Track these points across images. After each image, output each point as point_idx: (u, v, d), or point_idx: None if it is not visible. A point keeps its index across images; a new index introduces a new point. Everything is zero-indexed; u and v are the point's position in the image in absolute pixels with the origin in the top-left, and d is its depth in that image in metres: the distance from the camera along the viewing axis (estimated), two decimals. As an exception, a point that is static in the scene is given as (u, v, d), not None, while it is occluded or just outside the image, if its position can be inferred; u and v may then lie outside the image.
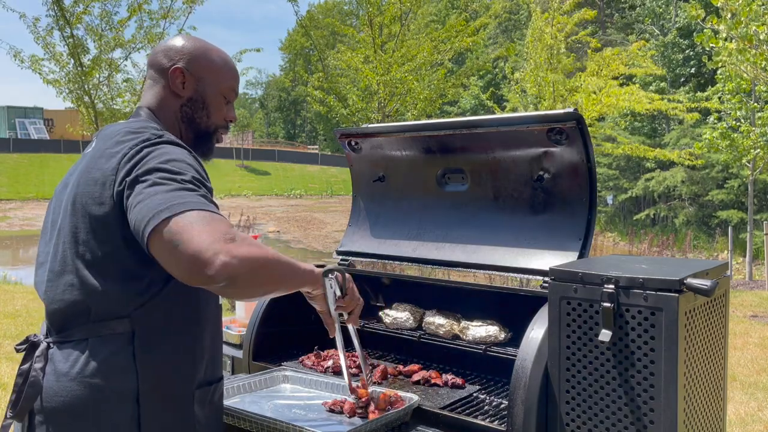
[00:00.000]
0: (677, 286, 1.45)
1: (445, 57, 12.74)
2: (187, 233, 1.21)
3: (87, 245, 1.40)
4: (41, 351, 1.42)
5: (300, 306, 2.46)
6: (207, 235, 1.21)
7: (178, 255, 1.21)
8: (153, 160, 1.34)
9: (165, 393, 1.42)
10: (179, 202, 1.25)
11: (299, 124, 71.12)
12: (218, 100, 1.65)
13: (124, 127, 1.49)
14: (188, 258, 1.20)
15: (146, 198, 1.28)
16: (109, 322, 1.39)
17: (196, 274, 1.20)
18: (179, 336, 1.45)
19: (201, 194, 1.30)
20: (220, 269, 1.19)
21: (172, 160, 1.35)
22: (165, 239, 1.22)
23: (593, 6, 30.40)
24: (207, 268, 1.19)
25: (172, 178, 1.30)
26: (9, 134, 47.45)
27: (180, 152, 1.40)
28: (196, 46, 1.63)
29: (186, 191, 1.28)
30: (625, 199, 28.78)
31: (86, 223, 1.40)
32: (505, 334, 2.10)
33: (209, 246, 1.19)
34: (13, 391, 1.43)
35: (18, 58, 10.61)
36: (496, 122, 2.14)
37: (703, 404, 1.64)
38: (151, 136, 1.41)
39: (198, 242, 1.20)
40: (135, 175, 1.33)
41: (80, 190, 1.42)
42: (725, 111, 14.42)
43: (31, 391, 1.39)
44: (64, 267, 1.43)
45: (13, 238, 23.67)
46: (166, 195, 1.26)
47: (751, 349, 6.82)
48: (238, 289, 1.25)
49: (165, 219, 1.23)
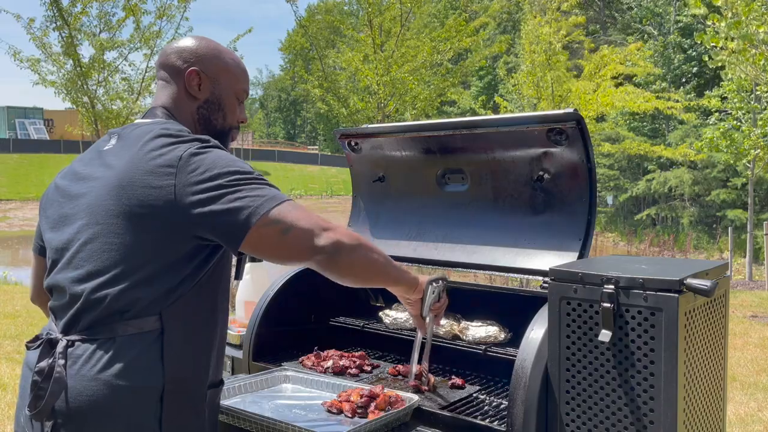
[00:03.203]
0: (677, 287, 1.45)
1: (444, 57, 12.76)
2: (293, 219, 1.38)
3: (132, 248, 1.39)
4: (62, 348, 1.39)
5: (300, 306, 2.47)
6: (311, 218, 1.40)
7: (289, 237, 1.37)
8: (218, 165, 1.40)
9: (185, 392, 1.43)
10: (270, 196, 1.39)
11: (299, 124, 71.14)
12: (232, 102, 1.67)
13: (159, 129, 1.49)
14: (302, 235, 1.38)
15: (236, 199, 1.36)
16: (139, 320, 1.38)
17: (309, 246, 1.38)
18: (198, 335, 1.46)
19: (275, 187, 1.43)
20: (330, 240, 1.39)
21: (234, 161, 1.43)
22: (271, 229, 1.36)
23: (593, 6, 30.41)
24: (318, 239, 1.38)
25: (247, 179, 1.40)
26: (9, 134, 47.46)
27: (228, 155, 1.46)
28: (209, 47, 1.64)
29: (267, 186, 1.41)
30: (626, 200, 28.79)
31: (134, 225, 1.39)
32: (505, 334, 2.10)
33: (316, 224, 1.40)
34: (31, 390, 1.39)
35: (17, 58, 10.62)
36: (496, 122, 2.14)
37: (703, 404, 1.64)
38: (196, 141, 1.45)
39: (306, 223, 1.39)
40: (206, 180, 1.37)
41: (126, 192, 1.40)
42: (726, 110, 14.42)
43: (56, 387, 1.35)
44: (101, 266, 1.40)
45: (13, 238, 23.68)
46: (253, 192, 1.38)
47: (751, 349, 6.82)
48: (341, 261, 1.42)
49: (266, 212, 1.36)
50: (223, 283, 1.54)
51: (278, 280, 2.39)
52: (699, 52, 26.88)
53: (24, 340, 2.10)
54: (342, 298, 2.41)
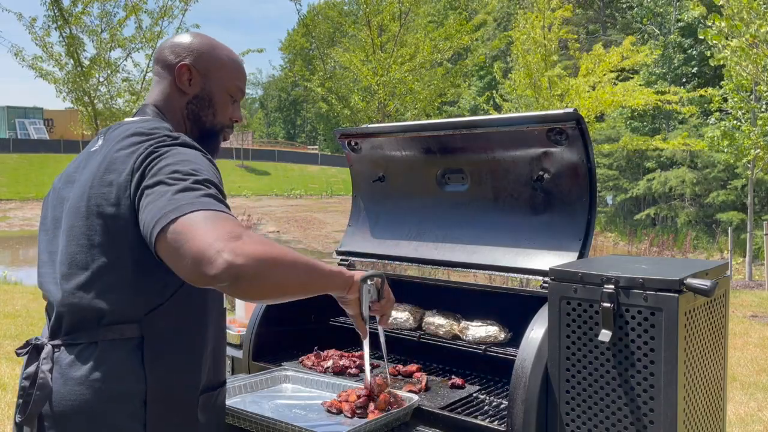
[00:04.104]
0: (677, 287, 1.45)
1: (444, 56, 12.76)
2: (191, 233, 1.17)
3: (102, 248, 1.37)
4: (47, 353, 1.38)
5: (300, 306, 2.46)
6: (211, 234, 1.16)
7: (181, 255, 1.18)
8: (165, 161, 1.31)
9: (172, 398, 1.41)
10: (187, 203, 1.21)
11: (299, 124, 71.13)
12: (225, 99, 1.63)
13: (136, 127, 1.46)
14: (191, 257, 1.16)
15: (156, 199, 1.25)
16: (119, 327, 1.37)
17: (200, 274, 1.16)
18: (185, 341, 1.44)
19: (211, 194, 1.26)
20: (223, 268, 1.13)
21: (185, 161, 1.32)
22: (170, 240, 1.19)
23: (593, 6, 30.39)
24: (209, 267, 1.14)
25: (182, 179, 1.27)
26: (9, 134, 47.44)
27: (193, 153, 1.37)
28: (203, 42, 1.62)
29: (195, 191, 1.25)
30: (626, 200, 28.77)
31: (101, 225, 1.37)
32: (505, 334, 2.10)
33: (211, 244, 1.15)
34: (19, 395, 1.39)
35: (19, 57, 10.62)
36: (496, 122, 2.14)
37: (703, 404, 1.64)
38: (166, 138, 1.39)
39: (201, 241, 1.16)
40: (147, 177, 1.31)
41: (94, 192, 1.38)
42: (726, 110, 14.42)
43: (41, 393, 1.35)
44: (75, 269, 1.39)
45: (13, 238, 23.67)
46: (174, 195, 1.23)
47: (751, 349, 6.82)
48: (243, 289, 1.18)
49: (172, 220, 1.19)
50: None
51: (278, 280, 2.39)
52: (699, 51, 26.87)
53: (24, 339, 2.10)
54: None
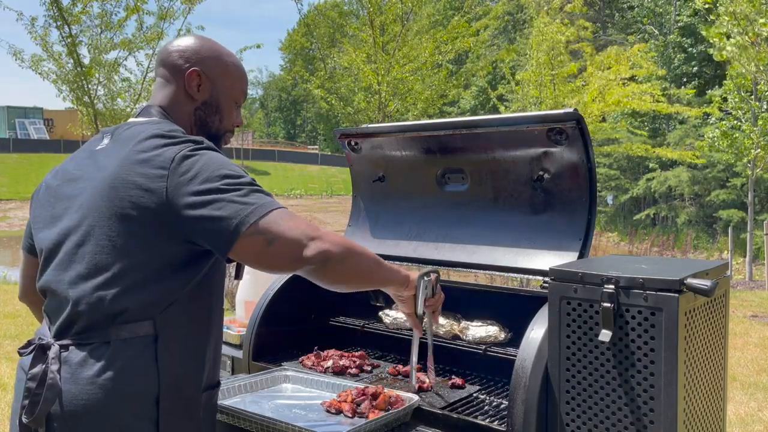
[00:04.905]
0: (677, 287, 1.45)
1: (446, 58, 12.75)
2: (280, 228, 1.34)
3: (126, 249, 1.37)
4: (55, 353, 1.37)
5: (300, 306, 2.47)
6: (299, 226, 1.37)
7: (274, 248, 1.34)
8: (210, 168, 1.38)
9: (181, 396, 1.42)
10: (260, 204, 1.36)
11: (299, 124, 71.14)
12: (230, 105, 1.65)
13: (154, 129, 1.46)
14: (288, 246, 1.34)
15: (225, 205, 1.34)
16: (133, 325, 1.37)
17: (294, 258, 1.35)
18: (193, 339, 1.46)
19: (268, 193, 1.42)
20: (317, 251, 1.35)
21: (227, 164, 1.41)
22: (258, 239, 1.33)
23: (593, 6, 30.41)
24: (305, 250, 1.35)
25: (238, 184, 1.38)
26: (9, 134, 47.47)
27: (223, 157, 1.44)
28: (211, 48, 1.63)
29: (257, 193, 1.38)
30: (626, 199, 28.77)
31: (127, 226, 1.37)
32: (505, 334, 2.10)
33: (304, 233, 1.36)
34: (24, 396, 1.37)
35: (18, 57, 10.62)
36: (496, 122, 2.14)
37: (703, 404, 1.64)
38: (190, 143, 1.43)
39: (293, 233, 1.35)
40: (190, 182, 1.35)
41: (118, 194, 1.38)
42: (727, 110, 14.42)
43: (50, 394, 1.34)
44: (95, 269, 1.39)
45: (13, 238, 23.68)
46: (243, 199, 1.35)
47: (751, 349, 6.82)
48: (329, 270, 1.39)
49: (255, 221, 1.33)
50: (218, 284, 1.53)
51: (278, 279, 2.39)
52: (699, 51, 26.88)
53: (24, 339, 2.09)
54: (342, 298, 2.40)
